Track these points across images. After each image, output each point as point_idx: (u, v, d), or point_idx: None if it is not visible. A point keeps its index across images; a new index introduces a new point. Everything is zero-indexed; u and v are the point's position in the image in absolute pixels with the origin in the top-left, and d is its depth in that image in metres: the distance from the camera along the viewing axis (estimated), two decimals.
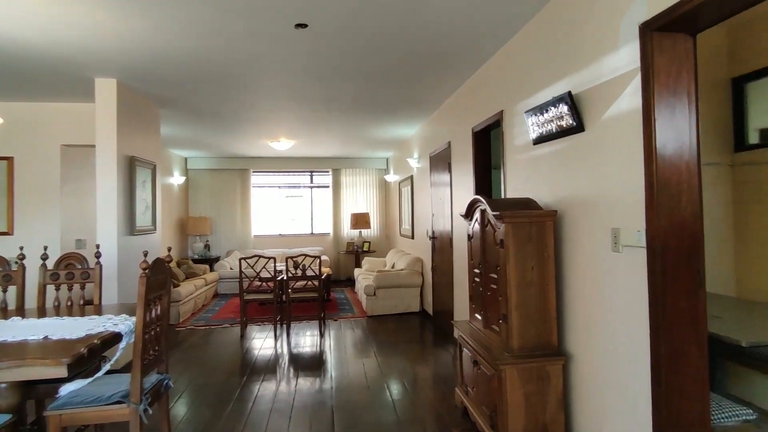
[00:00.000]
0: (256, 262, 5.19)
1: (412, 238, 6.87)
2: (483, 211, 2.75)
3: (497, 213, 2.44)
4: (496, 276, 2.58)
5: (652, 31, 1.86)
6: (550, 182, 2.70)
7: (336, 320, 5.89)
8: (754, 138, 3.12)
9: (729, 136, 3.23)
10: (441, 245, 5.19)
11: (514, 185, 3.22)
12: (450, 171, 4.76)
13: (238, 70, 3.78)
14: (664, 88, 1.86)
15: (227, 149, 8.03)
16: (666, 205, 1.85)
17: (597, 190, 2.23)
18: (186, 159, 8.82)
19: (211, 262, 8.34)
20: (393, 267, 6.95)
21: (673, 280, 1.86)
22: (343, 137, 7.12)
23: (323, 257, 8.50)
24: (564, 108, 2.42)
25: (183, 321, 5.94)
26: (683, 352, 1.88)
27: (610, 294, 2.16)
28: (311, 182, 9.56)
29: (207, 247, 8.57)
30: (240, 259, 5.13)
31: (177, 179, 8.15)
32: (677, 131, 1.86)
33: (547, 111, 2.59)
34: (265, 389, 3.55)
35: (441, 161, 5.13)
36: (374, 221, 9.48)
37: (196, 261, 8.17)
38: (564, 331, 2.55)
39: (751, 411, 2.03)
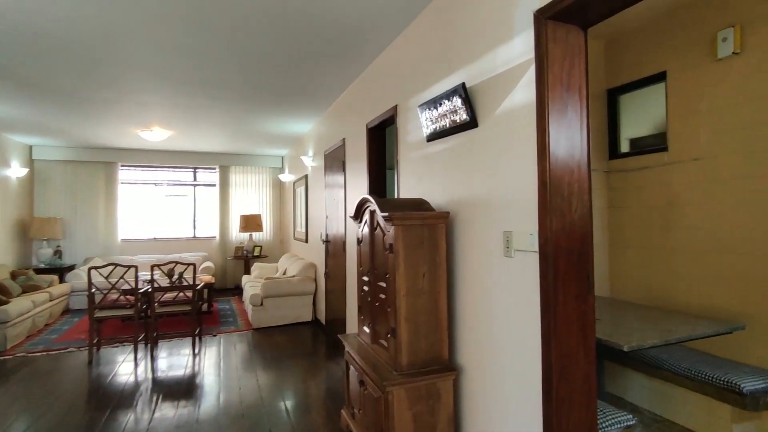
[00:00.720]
0: (111, 271, 4.32)
1: (306, 241, 6.44)
2: (372, 213, 2.47)
3: (386, 214, 2.17)
4: (384, 284, 2.31)
5: (546, 18, 1.73)
6: (443, 182, 2.52)
7: (215, 335, 5.20)
8: (625, 147, 3.31)
9: (605, 144, 3.39)
10: (335, 250, 4.86)
11: (407, 185, 3.01)
12: (344, 170, 4.46)
13: (87, 34, 3.03)
14: (557, 81, 1.74)
15: (86, 138, 6.79)
16: (558, 206, 1.72)
17: (490, 190, 2.08)
18: (30, 147, 7.28)
19: (63, 271, 6.96)
20: (285, 273, 6.44)
21: (564, 285, 1.74)
22: (231, 130, 6.43)
23: (207, 264, 7.63)
24: (458, 101, 2.24)
25: (13, 347, 4.76)
26: (573, 361, 1.77)
27: (502, 301, 2.00)
28: (194, 180, 8.58)
29: (58, 253, 7.15)
30: (89, 269, 4.22)
31: (16, 171, 6.66)
32: (570, 129, 1.76)
33: (440, 105, 2.40)
34: (111, 428, 2.86)
35: (335, 160, 4.81)
36: (267, 224, 8.82)
37: (41, 271, 6.74)
38: (456, 342, 2.37)
39: (631, 416, 2.02)
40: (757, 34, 2.45)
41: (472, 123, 2.19)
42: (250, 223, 8.02)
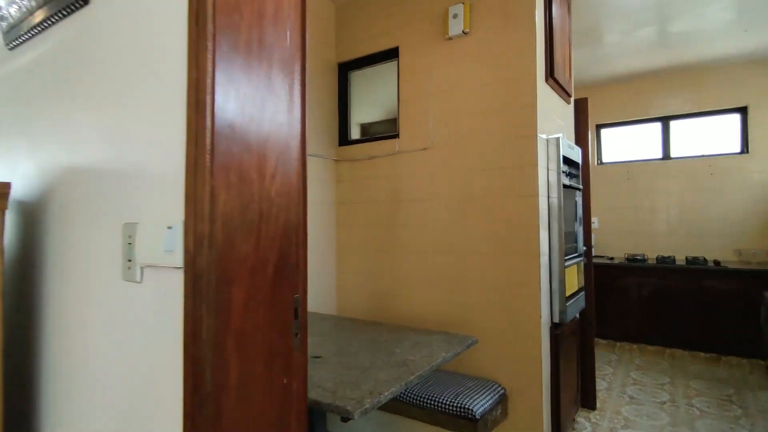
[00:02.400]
0: None
1: None
2: None
3: None
4: None
5: None
6: (31, 133, 1.23)
7: None
8: (355, 133, 2.77)
9: (335, 129, 2.77)
10: None
11: None
12: None
13: None
14: None
15: None
16: (235, 161, 0.77)
17: (109, 143, 0.97)
18: None
19: None
20: None
21: (245, 343, 0.80)
22: None
23: None
24: None
25: None
26: None
27: (117, 380, 0.91)
28: None
29: None
30: None
31: None
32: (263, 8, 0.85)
33: None
34: None
35: None
36: None
37: None
38: None
39: None
40: (482, 15, 2.22)
41: None
42: None
